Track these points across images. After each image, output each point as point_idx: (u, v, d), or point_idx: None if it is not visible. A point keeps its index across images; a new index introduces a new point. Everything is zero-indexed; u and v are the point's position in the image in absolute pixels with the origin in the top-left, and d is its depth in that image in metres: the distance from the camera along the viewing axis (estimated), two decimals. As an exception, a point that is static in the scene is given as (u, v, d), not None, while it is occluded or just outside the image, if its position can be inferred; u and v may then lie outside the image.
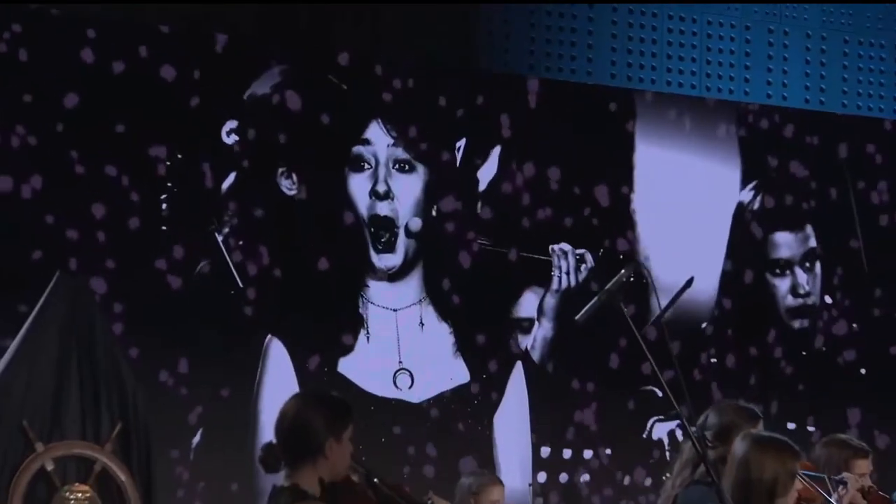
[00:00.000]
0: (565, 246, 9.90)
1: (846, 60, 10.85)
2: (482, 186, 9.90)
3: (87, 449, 7.61)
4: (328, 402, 5.85)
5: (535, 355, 9.89)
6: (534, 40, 10.13)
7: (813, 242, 10.70)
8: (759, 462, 6.02)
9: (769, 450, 6.10)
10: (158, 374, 8.94)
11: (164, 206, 9.06)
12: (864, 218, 10.72)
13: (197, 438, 9.06)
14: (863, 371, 10.69)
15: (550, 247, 9.89)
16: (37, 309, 7.74)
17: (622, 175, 10.24)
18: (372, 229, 9.54)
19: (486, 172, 9.92)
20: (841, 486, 7.05)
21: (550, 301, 9.86)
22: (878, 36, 10.88)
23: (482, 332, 9.79)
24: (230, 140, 9.19)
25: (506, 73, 10.08)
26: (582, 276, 9.87)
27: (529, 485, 9.69)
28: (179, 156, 9.17)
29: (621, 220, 10.22)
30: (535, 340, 9.89)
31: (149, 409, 8.02)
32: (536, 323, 9.89)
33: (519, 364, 9.84)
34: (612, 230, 10.16)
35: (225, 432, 9.05)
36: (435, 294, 9.70)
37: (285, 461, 5.58)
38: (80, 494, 7.54)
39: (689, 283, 6.66)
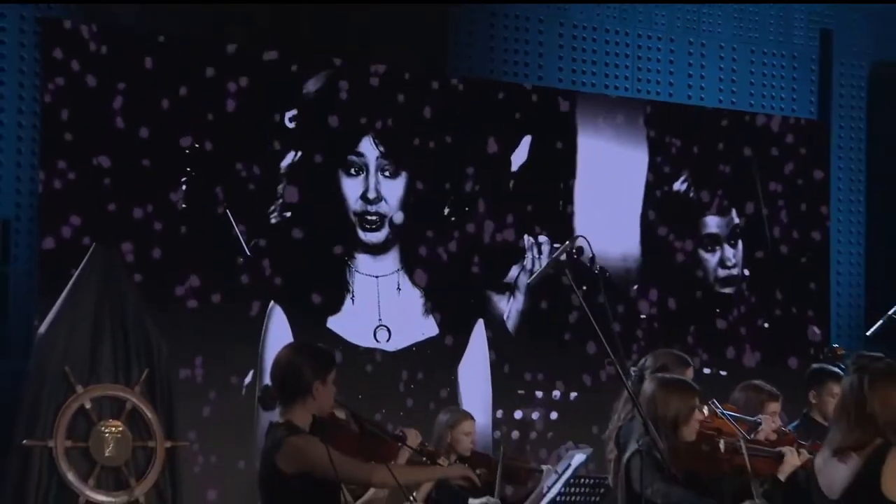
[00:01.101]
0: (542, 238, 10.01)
1: (752, 67, 10.87)
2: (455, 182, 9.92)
3: (119, 391, 7.62)
4: (315, 351, 5.90)
5: (509, 323, 9.92)
6: (493, 49, 10.12)
7: (736, 220, 10.71)
8: (664, 399, 6.12)
9: (672, 389, 6.22)
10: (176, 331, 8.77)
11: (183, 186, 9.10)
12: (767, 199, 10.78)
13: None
14: (766, 325, 10.79)
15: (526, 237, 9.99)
16: (76, 275, 7.80)
17: (568, 164, 10.26)
18: (366, 217, 9.62)
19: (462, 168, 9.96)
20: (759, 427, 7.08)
21: (523, 277, 9.92)
22: (778, 47, 10.94)
23: (448, 295, 9.80)
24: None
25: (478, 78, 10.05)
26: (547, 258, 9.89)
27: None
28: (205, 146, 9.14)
29: (566, 200, 10.23)
30: (509, 310, 9.93)
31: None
32: (511, 295, 9.95)
33: (480, 321, 9.82)
34: (559, 210, 10.17)
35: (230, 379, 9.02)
36: (408, 265, 9.76)
37: (279, 401, 5.59)
38: (113, 429, 7.55)
39: (571, 245, 6.69)
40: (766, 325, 10.72)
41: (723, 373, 10.17)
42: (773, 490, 6.33)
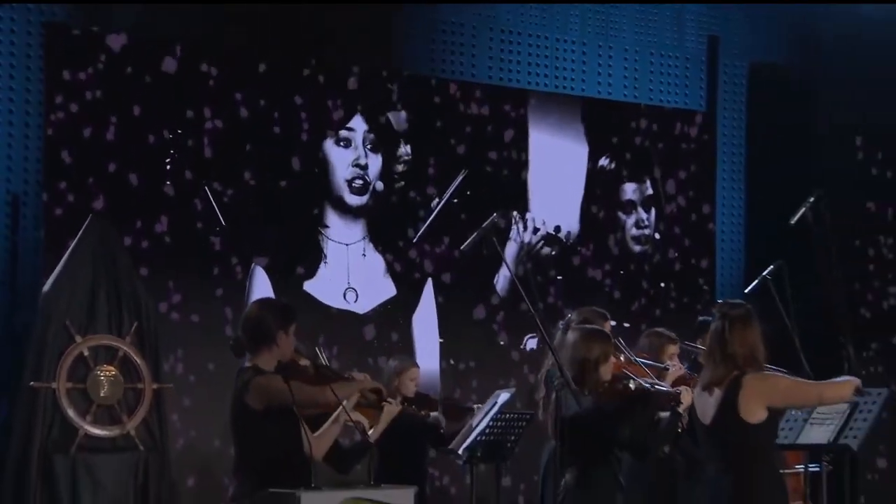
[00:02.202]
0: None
1: (652, 66, 10.88)
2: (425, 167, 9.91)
3: (112, 340, 7.60)
4: (280, 306, 5.94)
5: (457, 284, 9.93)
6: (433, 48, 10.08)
7: (650, 191, 10.80)
8: (586, 344, 6.18)
9: (594, 336, 6.29)
10: (164, 290, 8.77)
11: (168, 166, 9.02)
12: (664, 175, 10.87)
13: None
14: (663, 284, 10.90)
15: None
16: (75, 242, 7.77)
17: (523, 152, 10.28)
18: (355, 182, 9.58)
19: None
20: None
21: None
22: (673, 50, 10.96)
23: (403, 259, 9.80)
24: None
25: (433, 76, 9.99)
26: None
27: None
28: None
29: (520, 183, 10.25)
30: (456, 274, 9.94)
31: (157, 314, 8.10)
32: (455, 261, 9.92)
33: (430, 280, 9.83)
34: (513, 191, 10.21)
35: (217, 335, 8.86)
36: (373, 234, 9.73)
37: (248, 348, 5.66)
38: (108, 373, 7.54)
39: (494, 218, 6.72)
40: (663, 284, 10.80)
41: (626, 324, 10.25)
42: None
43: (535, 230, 10.20)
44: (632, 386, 6.20)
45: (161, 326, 8.13)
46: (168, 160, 8.83)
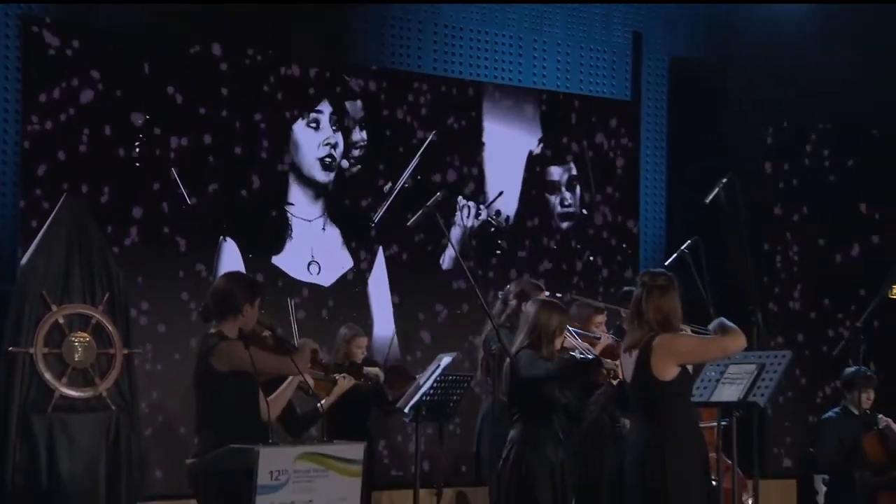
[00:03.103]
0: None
1: (582, 60, 10.86)
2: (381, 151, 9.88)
3: (86, 309, 7.53)
4: (248, 280, 5.92)
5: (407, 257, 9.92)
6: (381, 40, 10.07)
7: (574, 172, 10.81)
8: (546, 315, 6.16)
9: (553, 308, 6.28)
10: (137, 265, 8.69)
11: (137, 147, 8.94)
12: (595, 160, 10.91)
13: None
14: (591, 258, 10.92)
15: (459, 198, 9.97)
16: (50, 218, 7.69)
17: (476, 137, 10.29)
18: (326, 159, 9.55)
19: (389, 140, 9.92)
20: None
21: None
22: (601, 44, 10.94)
23: (358, 234, 9.79)
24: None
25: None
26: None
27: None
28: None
29: (475, 164, 10.27)
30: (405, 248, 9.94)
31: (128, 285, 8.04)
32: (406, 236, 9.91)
33: (380, 249, 9.80)
34: (468, 171, 10.20)
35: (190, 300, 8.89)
36: (332, 211, 9.67)
37: (215, 316, 5.64)
38: (81, 339, 7.47)
39: (438, 196, 6.73)
40: (592, 258, 10.84)
41: (559, 294, 10.29)
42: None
43: (477, 214, 10.20)
44: (578, 356, 6.23)
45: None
46: (137, 144, 8.76)
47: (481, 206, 10.22)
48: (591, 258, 10.81)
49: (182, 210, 8.88)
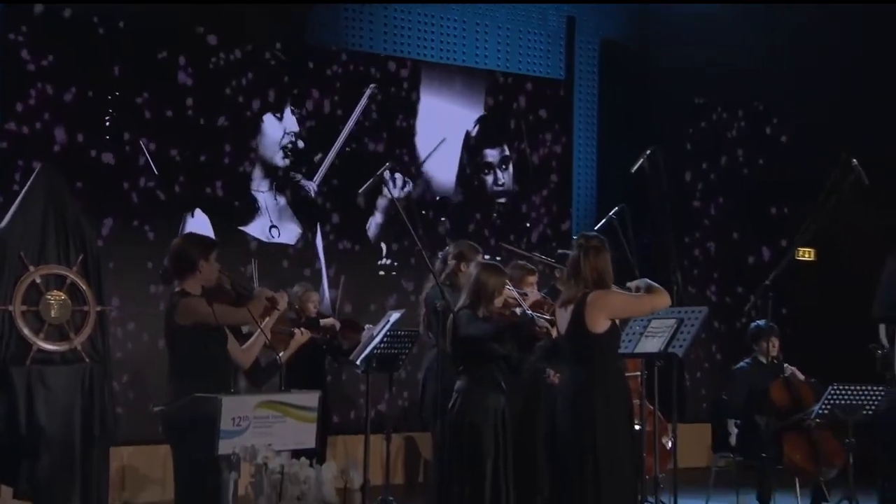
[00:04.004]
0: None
1: (520, 42, 10.91)
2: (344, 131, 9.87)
3: (61, 269, 7.39)
4: (200, 238, 5.86)
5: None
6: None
7: (507, 152, 10.81)
8: (486, 276, 6.14)
9: (493, 270, 6.27)
10: (106, 231, 8.76)
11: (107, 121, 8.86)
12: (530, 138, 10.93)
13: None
14: (528, 224, 10.95)
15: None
16: (28, 185, 7.57)
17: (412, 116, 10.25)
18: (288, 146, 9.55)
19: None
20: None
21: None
22: (538, 28, 10.98)
23: (305, 208, 9.78)
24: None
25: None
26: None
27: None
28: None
29: (410, 142, 10.22)
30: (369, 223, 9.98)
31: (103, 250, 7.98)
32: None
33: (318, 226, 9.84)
34: (403, 148, 10.17)
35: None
36: (285, 185, 9.68)
37: (175, 276, 5.59)
38: (57, 297, 7.34)
39: (387, 167, 6.71)
40: (528, 224, 10.87)
41: (498, 258, 10.33)
42: None
43: (404, 185, 10.17)
44: (518, 312, 6.25)
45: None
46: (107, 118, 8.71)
47: (407, 180, 10.21)
48: (528, 225, 10.86)
49: (153, 191, 8.89)
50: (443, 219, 10.38)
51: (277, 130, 9.60)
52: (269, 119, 9.55)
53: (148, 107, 8.99)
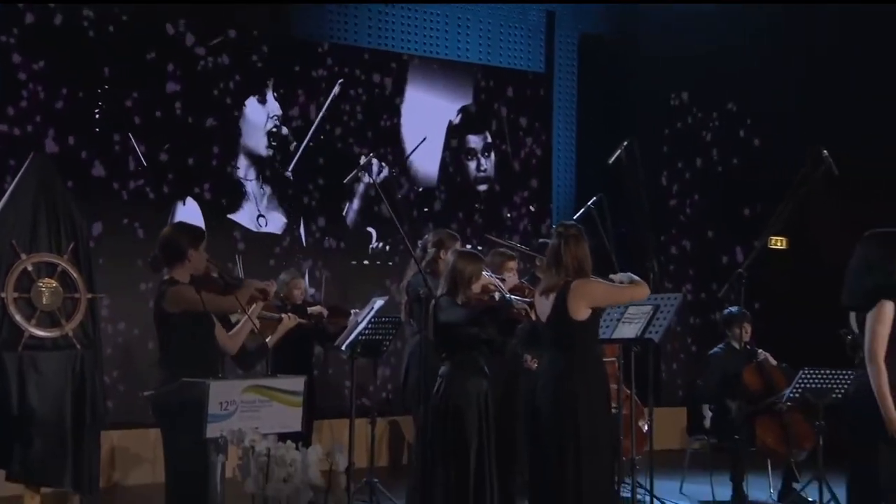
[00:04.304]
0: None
1: (502, 37, 10.93)
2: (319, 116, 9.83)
3: (53, 258, 7.36)
4: (189, 227, 5.83)
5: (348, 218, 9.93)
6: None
7: (489, 140, 10.81)
8: (463, 263, 6.09)
9: (469, 257, 6.22)
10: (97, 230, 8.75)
11: (97, 115, 8.83)
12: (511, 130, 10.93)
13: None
14: (509, 215, 10.94)
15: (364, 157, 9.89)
16: (19, 175, 7.52)
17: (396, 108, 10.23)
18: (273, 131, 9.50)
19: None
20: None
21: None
22: (519, 23, 11.00)
23: (290, 197, 9.74)
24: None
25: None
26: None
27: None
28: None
29: (395, 135, 10.18)
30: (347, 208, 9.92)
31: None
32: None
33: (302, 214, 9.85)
34: (388, 141, 10.13)
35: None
36: (271, 176, 9.64)
37: (164, 264, 5.56)
38: (49, 284, 7.33)
39: (370, 157, 6.70)
40: (508, 214, 10.87)
41: (480, 247, 10.34)
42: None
43: (380, 170, 10.16)
44: (496, 297, 6.25)
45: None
46: (96, 110, 8.68)
47: (387, 168, 10.20)
48: (508, 214, 10.86)
49: (141, 172, 8.86)
50: (426, 209, 10.36)
51: (261, 116, 9.55)
52: (252, 104, 9.50)
53: (136, 100, 8.95)
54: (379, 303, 7.38)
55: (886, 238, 5.30)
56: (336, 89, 9.90)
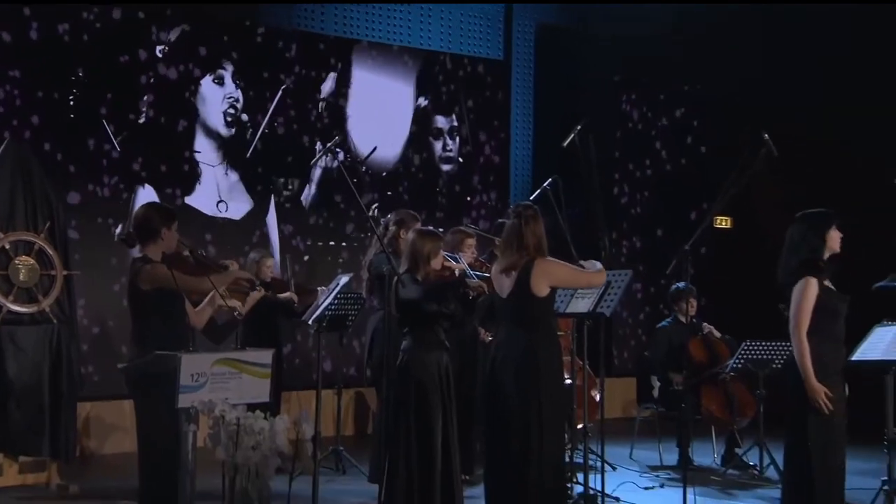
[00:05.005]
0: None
1: (462, 26, 10.87)
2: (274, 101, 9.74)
3: (29, 236, 7.31)
4: (162, 207, 5.79)
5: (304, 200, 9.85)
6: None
7: (455, 123, 10.78)
8: (422, 241, 6.05)
9: (427, 235, 6.17)
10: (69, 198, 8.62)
11: (71, 102, 8.74)
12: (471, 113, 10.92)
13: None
14: (469, 199, 10.96)
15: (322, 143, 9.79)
16: (-5, 159, 7.47)
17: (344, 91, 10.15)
18: (229, 112, 9.39)
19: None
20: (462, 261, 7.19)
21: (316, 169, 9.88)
22: (479, 12, 10.94)
23: (257, 180, 9.67)
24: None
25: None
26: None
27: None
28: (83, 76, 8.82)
29: (341, 117, 10.12)
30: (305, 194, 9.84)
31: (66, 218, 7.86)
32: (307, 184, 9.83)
33: (273, 197, 9.74)
34: (336, 124, 10.06)
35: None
36: (233, 159, 9.51)
37: (138, 242, 5.52)
38: (26, 262, 7.28)
39: (336, 139, 6.65)
40: (469, 198, 10.88)
41: (441, 228, 10.34)
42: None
43: (334, 152, 10.09)
44: (456, 272, 6.25)
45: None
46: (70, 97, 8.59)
47: (335, 150, 10.14)
48: (469, 199, 10.88)
49: (111, 157, 8.78)
50: (389, 193, 10.34)
51: (218, 94, 9.47)
52: (208, 84, 9.41)
53: (108, 88, 8.86)
54: (344, 279, 7.37)
55: (814, 217, 5.42)
56: (278, 97, 9.82)
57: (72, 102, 8.64)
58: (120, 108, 8.92)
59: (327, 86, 9.99)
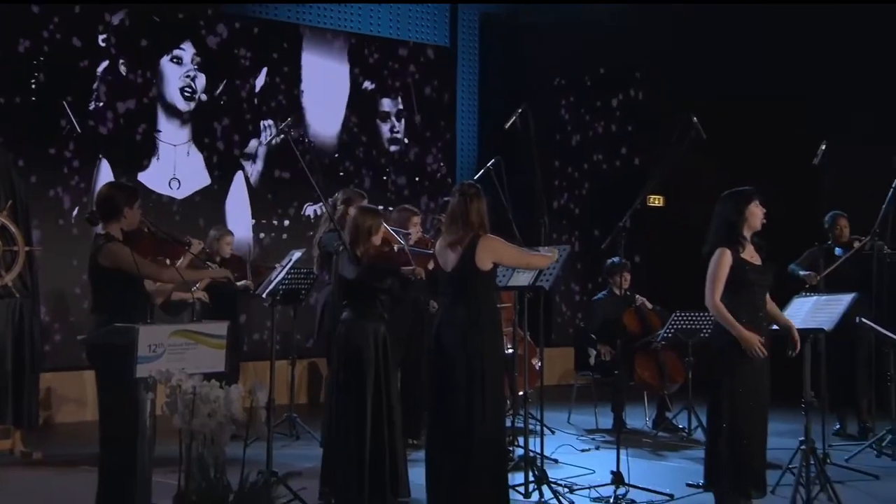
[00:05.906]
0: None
1: (410, 14, 10.86)
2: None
3: (-9, 213, 7.27)
4: (125, 186, 5.70)
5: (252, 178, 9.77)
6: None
7: (401, 106, 10.75)
8: (363, 217, 6.02)
9: (368, 212, 6.14)
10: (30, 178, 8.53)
11: (33, 83, 8.58)
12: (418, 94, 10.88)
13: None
14: (417, 179, 10.91)
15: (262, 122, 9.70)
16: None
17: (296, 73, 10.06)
18: (186, 90, 9.27)
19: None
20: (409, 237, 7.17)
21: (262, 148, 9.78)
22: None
23: (220, 156, 9.56)
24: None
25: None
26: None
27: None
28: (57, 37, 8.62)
29: (295, 101, 10.03)
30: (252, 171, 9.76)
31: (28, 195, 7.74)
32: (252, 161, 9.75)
33: (240, 172, 9.65)
34: (289, 107, 9.99)
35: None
36: (197, 138, 9.44)
37: (101, 219, 5.43)
38: (-13, 238, 7.21)
39: (290, 121, 6.59)
40: (418, 179, 10.85)
41: (390, 208, 10.34)
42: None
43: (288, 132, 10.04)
44: (395, 248, 6.22)
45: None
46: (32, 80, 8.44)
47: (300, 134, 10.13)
48: (417, 179, 10.87)
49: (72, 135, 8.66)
50: (341, 173, 10.29)
51: (176, 72, 9.37)
52: (167, 64, 9.30)
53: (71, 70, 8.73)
54: (297, 254, 7.30)
55: (735, 195, 5.50)
56: (246, 62, 9.74)
57: (33, 85, 8.48)
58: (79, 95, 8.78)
59: (278, 69, 9.90)
